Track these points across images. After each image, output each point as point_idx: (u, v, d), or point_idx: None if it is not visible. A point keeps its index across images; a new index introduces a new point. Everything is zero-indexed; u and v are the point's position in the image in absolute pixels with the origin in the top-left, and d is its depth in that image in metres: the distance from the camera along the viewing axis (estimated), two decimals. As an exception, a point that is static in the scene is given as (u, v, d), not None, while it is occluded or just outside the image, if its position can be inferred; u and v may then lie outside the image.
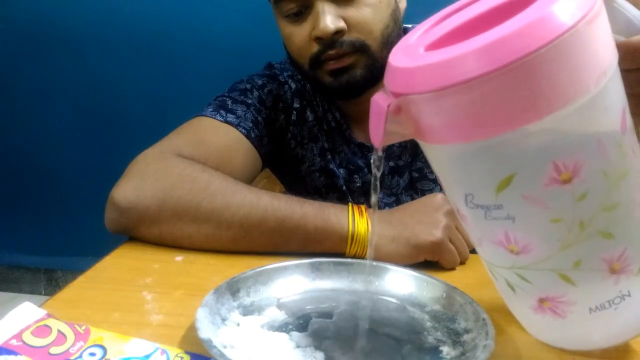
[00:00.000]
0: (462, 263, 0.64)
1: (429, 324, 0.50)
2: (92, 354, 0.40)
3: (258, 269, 0.54)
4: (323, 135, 0.84)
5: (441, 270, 0.62)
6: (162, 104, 1.80)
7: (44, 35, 1.80)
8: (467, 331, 0.46)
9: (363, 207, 0.64)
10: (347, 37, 0.71)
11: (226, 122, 0.75)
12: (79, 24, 1.78)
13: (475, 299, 0.50)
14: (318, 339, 0.46)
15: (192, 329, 0.47)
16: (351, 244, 0.61)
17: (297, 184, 0.88)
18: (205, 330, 0.42)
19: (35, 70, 1.84)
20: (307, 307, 0.52)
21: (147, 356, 0.41)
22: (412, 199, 0.81)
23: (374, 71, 0.73)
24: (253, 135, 0.76)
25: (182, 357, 0.41)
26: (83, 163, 1.91)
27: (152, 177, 0.63)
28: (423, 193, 0.82)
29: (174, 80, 1.80)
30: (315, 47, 0.72)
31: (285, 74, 0.85)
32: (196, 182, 0.63)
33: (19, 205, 1.99)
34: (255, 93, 0.80)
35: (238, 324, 0.48)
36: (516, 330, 0.50)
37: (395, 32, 0.75)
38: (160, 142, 0.71)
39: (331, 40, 0.70)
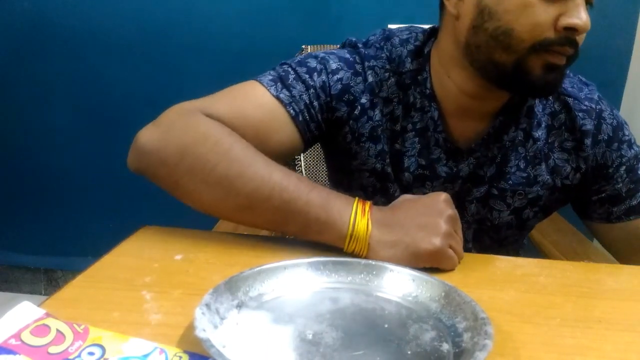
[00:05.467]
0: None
1: (428, 323, 0.49)
2: (91, 354, 0.40)
3: (257, 268, 0.54)
4: (386, 138, 0.78)
5: (440, 269, 0.62)
6: (163, 104, 1.80)
7: (44, 35, 1.80)
8: (466, 330, 0.46)
9: (368, 205, 0.63)
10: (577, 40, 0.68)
11: (277, 98, 0.73)
12: (79, 24, 1.78)
13: (474, 298, 0.50)
14: (317, 338, 0.46)
15: (190, 328, 0.47)
16: (349, 242, 0.61)
17: (343, 174, 0.84)
18: (204, 330, 0.42)
19: (35, 70, 1.84)
20: (307, 306, 0.52)
21: (146, 355, 0.41)
22: (477, 210, 0.80)
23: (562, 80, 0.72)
24: (300, 119, 0.74)
25: (180, 357, 0.41)
26: (83, 163, 1.91)
27: (179, 130, 0.65)
28: (491, 211, 0.80)
29: (174, 81, 1.80)
30: (552, 34, 0.66)
31: (367, 63, 0.78)
32: (218, 144, 0.64)
33: (19, 205, 1.99)
34: (323, 77, 0.76)
35: (237, 323, 0.48)
36: (515, 329, 0.50)
37: None
38: (203, 99, 0.72)
39: (576, 35, 0.67)
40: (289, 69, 0.77)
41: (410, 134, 0.78)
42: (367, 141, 0.78)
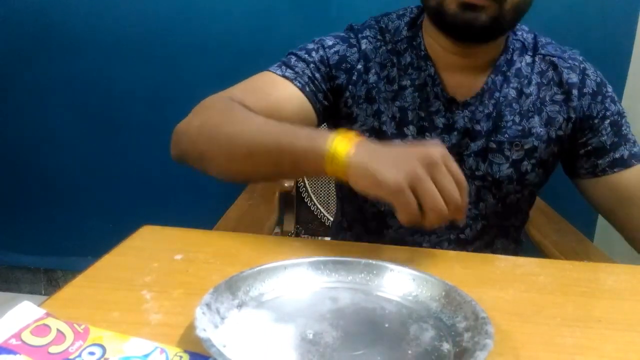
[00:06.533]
0: (435, 225, 0.58)
1: (428, 322, 0.50)
2: (92, 353, 0.40)
3: (257, 268, 0.54)
4: (383, 99, 0.85)
5: (442, 269, 0.62)
6: (162, 104, 1.81)
7: (44, 35, 1.80)
8: (466, 330, 0.46)
9: (354, 133, 0.62)
10: None
11: (284, 76, 0.82)
12: (79, 24, 1.78)
13: (474, 297, 0.50)
14: (318, 338, 0.46)
15: (191, 328, 0.47)
16: (330, 162, 0.61)
17: None
18: (204, 330, 0.42)
19: (35, 70, 1.84)
20: (307, 306, 0.52)
21: (146, 355, 0.41)
22: (477, 165, 0.84)
23: (495, 26, 0.76)
24: (308, 90, 0.82)
25: (181, 356, 0.41)
26: (83, 163, 1.91)
27: (202, 110, 0.76)
28: (491, 165, 0.84)
29: (173, 80, 1.80)
30: None
31: (360, 35, 0.87)
32: (226, 113, 0.73)
33: (19, 205, 1.99)
34: (320, 52, 0.85)
35: (237, 323, 0.48)
36: (515, 329, 0.50)
37: (528, 6, 0.78)
38: (225, 91, 0.81)
39: None
40: (291, 56, 0.86)
41: (409, 90, 0.85)
42: (364, 103, 0.86)
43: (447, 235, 0.88)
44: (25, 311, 0.43)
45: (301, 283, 0.55)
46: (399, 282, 0.55)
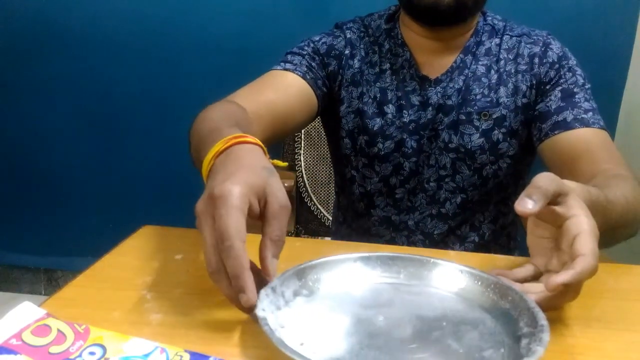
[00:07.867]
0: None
1: (486, 325, 0.49)
2: (92, 353, 0.40)
3: (325, 259, 0.55)
4: (365, 81, 0.93)
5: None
6: (163, 104, 1.81)
7: (44, 35, 1.80)
8: (524, 336, 0.46)
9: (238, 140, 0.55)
10: None
11: (285, 69, 0.90)
12: (79, 24, 1.78)
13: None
14: (373, 329, 0.48)
15: (191, 327, 0.48)
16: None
17: (335, 125, 0.97)
18: (263, 310, 0.45)
19: (35, 70, 1.84)
20: (370, 298, 0.53)
21: (147, 355, 0.41)
22: (450, 137, 0.89)
23: (460, 8, 0.82)
24: (308, 77, 0.90)
25: (181, 356, 0.41)
26: (83, 163, 1.91)
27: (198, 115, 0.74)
28: (462, 136, 0.89)
29: (174, 81, 1.80)
30: None
31: (344, 27, 0.97)
32: (208, 108, 0.72)
33: (19, 205, 1.99)
34: (311, 45, 0.94)
35: (299, 308, 0.50)
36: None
37: None
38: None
39: None
40: (287, 54, 0.94)
41: (388, 72, 0.93)
42: (349, 86, 0.94)
43: (429, 211, 0.93)
44: (25, 311, 0.43)
45: (366, 276, 0.56)
46: (463, 282, 0.55)
